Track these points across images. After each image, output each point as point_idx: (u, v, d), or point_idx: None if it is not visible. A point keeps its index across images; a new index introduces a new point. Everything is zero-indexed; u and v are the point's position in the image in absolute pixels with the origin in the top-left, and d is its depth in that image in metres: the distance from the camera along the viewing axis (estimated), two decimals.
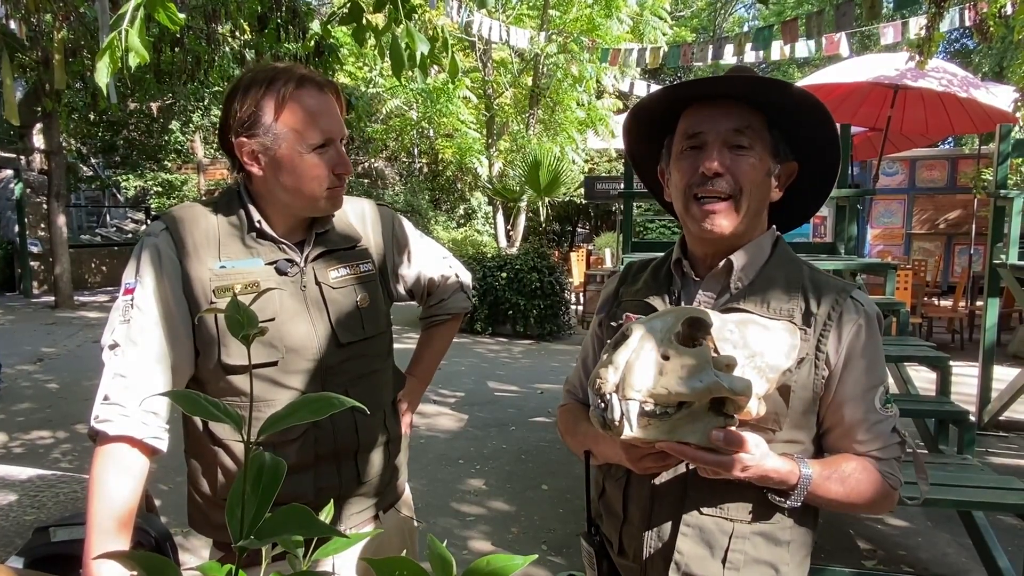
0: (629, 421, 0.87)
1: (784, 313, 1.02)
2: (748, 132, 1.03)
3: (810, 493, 0.97)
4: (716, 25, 23.03)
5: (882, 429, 1.03)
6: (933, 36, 4.99)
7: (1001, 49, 13.89)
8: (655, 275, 1.17)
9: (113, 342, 1.14)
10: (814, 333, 1.01)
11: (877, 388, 1.03)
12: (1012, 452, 4.43)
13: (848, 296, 1.04)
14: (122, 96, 10.63)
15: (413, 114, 12.17)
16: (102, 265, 13.70)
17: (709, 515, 1.03)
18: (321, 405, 0.49)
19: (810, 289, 1.04)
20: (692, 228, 1.07)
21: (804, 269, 1.09)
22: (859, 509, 1.03)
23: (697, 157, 1.04)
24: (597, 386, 0.89)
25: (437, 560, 0.47)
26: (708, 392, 0.86)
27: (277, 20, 4.78)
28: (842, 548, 3.16)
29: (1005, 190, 4.58)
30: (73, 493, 1.65)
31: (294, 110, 1.17)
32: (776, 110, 1.05)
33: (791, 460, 0.97)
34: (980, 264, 8.70)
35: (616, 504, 1.12)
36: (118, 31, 1.37)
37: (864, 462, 1.03)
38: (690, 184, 1.04)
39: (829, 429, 1.06)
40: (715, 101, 1.05)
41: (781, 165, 1.08)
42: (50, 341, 7.94)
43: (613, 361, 0.89)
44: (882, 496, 1.03)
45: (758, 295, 1.04)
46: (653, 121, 1.14)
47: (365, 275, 1.32)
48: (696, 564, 1.04)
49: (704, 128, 1.04)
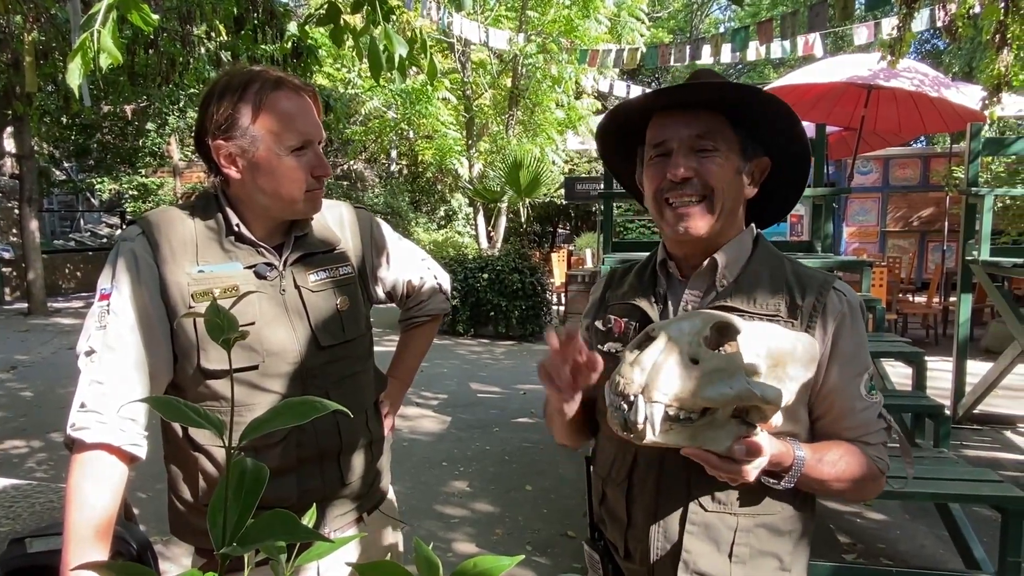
0: (652, 425, 0.84)
1: (771, 308, 1.04)
2: (711, 135, 1.05)
3: (803, 475, 0.98)
4: (692, 26, 23.23)
5: (869, 415, 1.06)
6: (904, 36, 5.07)
7: (970, 49, 14.17)
8: (639, 277, 1.18)
9: (89, 348, 1.12)
10: (801, 325, 1.03)
11: (863, 375, 1.06)
12: (986, 445, 4.52)
13: (831, 288, 1.06)
14: (95, 99, 10.45)
15: (392, 115, 12.11)
16: (76, 271, 13.46)
17: (713, 511, 1.04)
18: (305, 409, 0.49)
19: (794, 283, 1.07)
20: (668, 232, 1.09)
21: (786, 263, 1.11)
22: (848, 493, 1.05)
23: (664, 164, 1.06)
24: (621, 387, 0.87)
25: (423, 563, 0.46)
26: (737, 399, 0.84)
27: (254, 21, 4.73)
28: (822, 542, 3.19)
29: (976, 187, 4.67)
30: (49, 503, 1.62)
31: (271, 112, 1.16)
32: (738, 110, 1.07)
33: (786, 443, 0.98)
34: (953, 260, 8.87)
35: (619, 509, 1.12)
36: (90, 32, 1.35)
37: (853, 447, 1.05)
38: (660, 190, 1.07)
39: (819, 417, 1.08)
40: (676, 109, 1.08)
41: (751, 162, 1.09)
42: (23, 349, 7.79)
43: (640, 362, 0.86)
44: (871, 480, 1.05)
45: (744, 292, 1.06)
46: (625, 132, 1.17)
47: (344, 278, 1.31)
48: (704, 561, 1.04)
49: (668, 136, 1.06)
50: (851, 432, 1.06)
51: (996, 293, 4.72)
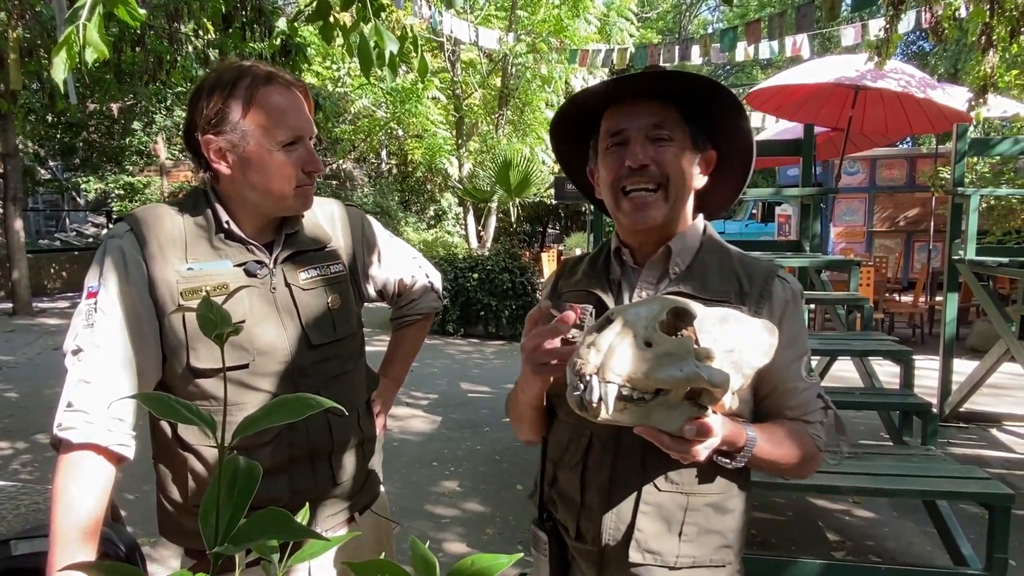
0: (607, 403, 0.88)
1: (721, 294, 1.09)
2: (667, 125, 1.09)
3: (754, 455, 1.02)
4: (681, 27, 23.32)
5: (808, 396, 1.12)
6: (891, 37, 5.11)
7: (956, 51, 14.32)
8: (592, 265, 1.21)
9: (76, 347, 1.10)
10: (749, 311, 1.07)
11: (802, 358, 1.11)
12: (972, 442, 4.56)
13: (776, 276, 1.12)
14: (81, 97, 10.35)
15: (381, 114, 12.07)
16: (62, 271, 13.31)
17: (667, 491, 1.08)
18: (299, 406, 0.48)
19: (741, 271, 1.12)
20: (624, 221, 1.12)
21: (733, 253, 1.16)
22: (790, 470, 1.10)
23: (622, 153, 1.09)
24: (578, 367, 0.90)
25: (420, 562, 0.46)
26: (687, 382, 0.87)
27: (242, 19, 4.70)
28: (811, 540, 3.21)
29: (962, 188, 4.71)
30: (35, 504, 1.60)
31: (262, 107, 1.15)
32: (690, 102, 1.11)
33: (738, 424, 1.02)
34: (939, 260, 8.95)
35: (572, 491, 1.14)
36: (75, 25, 1.33)
37: (795, 426, 1.11)
38: (618, 178, 1.09)
39: (764, 397, 1.12)
40: (633, 100, 1.11)
41: (701, 154, 1.14)
42: (8, 349, 7.69)
43: (596, 343, 0.89)
44: (810, 457, 1.10)
45: (696, 279, 1.11)
46: (579, 125, 1.19)
47: (335, 276, 1.30)
48: (654, 540, 1.08)
49: (626, 125, 1.09)
50: (793, 411, 1.11)
51: (982, 292, 4.76)
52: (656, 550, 1.08)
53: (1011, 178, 8.12)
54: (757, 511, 3.48)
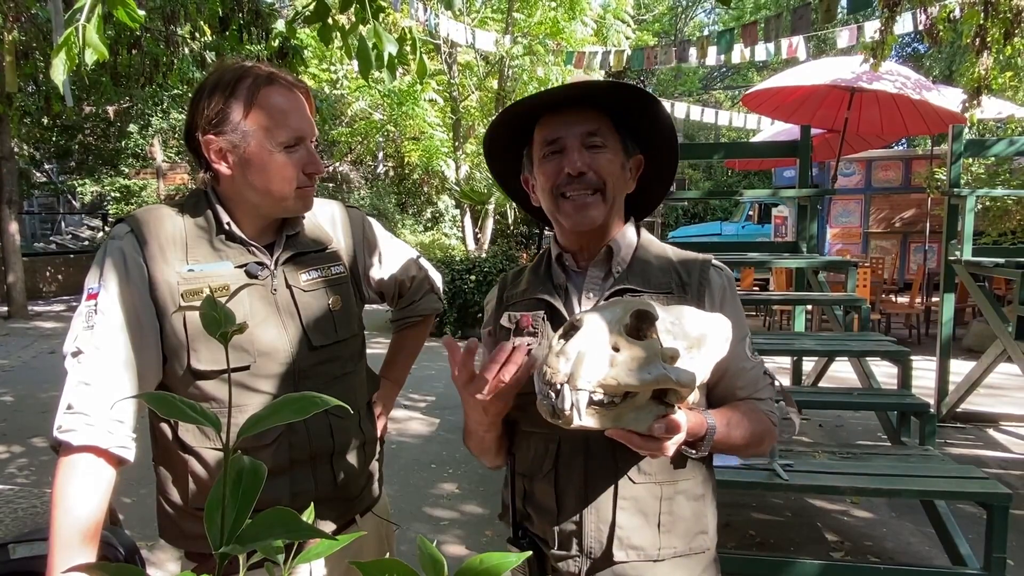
0: (579, 410, 0.90)
1: (663, 286, 1.13)
2: (600, 132, 1.13)
3: (715, 441, 1.05)
4: (677, 30, 23.37)
5: (756, 374, 1.17)
6: (886, 39, 5.13)
7: (951, 53, 14.37)
8: (535, 273, 1.24)
9: (76, 349, 1.10)
10: (692, 299, 1.12)
11: (745, 339, 1.16)
12: (970, 442, 4.57)
13: (711, 265, 1.18)
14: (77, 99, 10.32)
15: (378, 116, 12.06)
16: (57, 274, 13.28)
17: (641, 483, 1.10)
18: (303, 404, 0.48)
19: (678, 264, 1.17)
20: (565, 223, 1.15)
21: (667, 248, 1.22)
22: (750, 449, 1.13)
23: (559, 160, 1.13)
24: (548, 376, 0.91)
25: (428, 560, 0.46)
26: (655, 383, 0.89)
27: (239, 21, 4.69)
28: (810, 540, 3.21)
29: (958, 189, 4.73)
30: (32, 508, 1.59)
31: (263, 108, 1.15)
32: (619, 110, 1.16)
33: (698, 414, 1.04)
34: (935, 261, 8.98)
35: (548, 500, 1.14)
36: (75, 26, 1.33)
37: (748, 405, 1.14)
38: (557, 185, 1.13)
39: (715, 384, 1.16)
40: (566, 109, 1.15)
41: (631, 159, 1.19)
42: (3, 353, 7.67)
43: (564, 352, 0.91)
44: (766, 432, 1.14)
45: (638, 274, 1.15)
46: (514, 136, 1.23)
47: (336, 278, 1.30)
48: (636, 535, 1.09)
49: (561, 133, 1.13)
50: (744, 391, 1.16)
51: (978, 292, 4.77)
52: (639, 545, 1.09)
53: (1007, 179, 8.16)
54: (756, 512, 3.48)
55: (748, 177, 18.14)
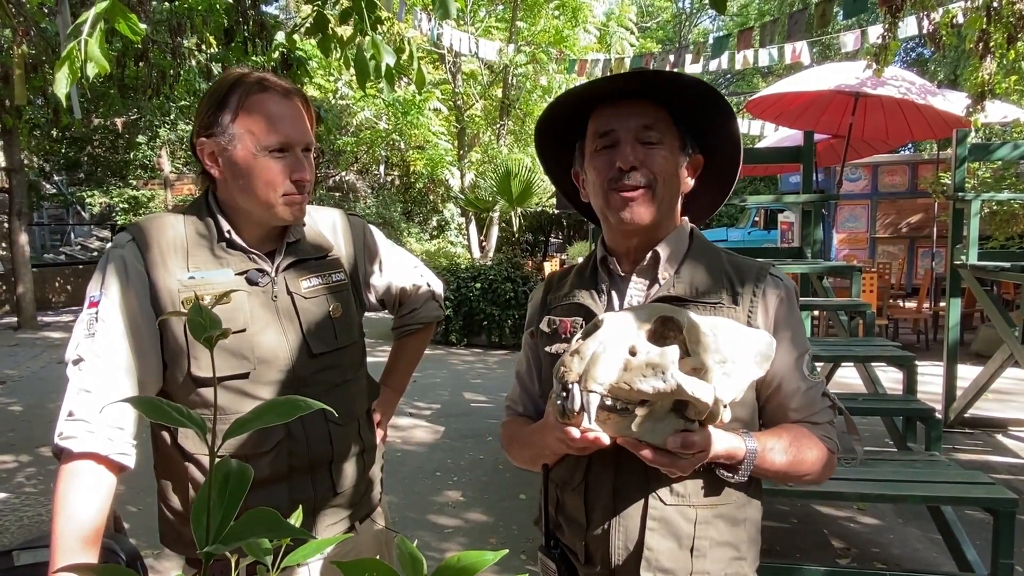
0: (588, 413, 0.86)
1: (713, 296, 1.07)
2: (656, 127, 1.07)
3: (756, 466, 1.00)
4: (681, 37, 23.41)
5: (814, 395, 1.08)
6: (889, 45, 5.13)
7: (955, 57, 14.34)
8: (580, 276, 1.19)
9: (77, 356, 1.11)
10: (743, 311, 1.05)
11: (804, 356, 1.08)
12: (977, 448, 4.54)
13: (768, 273, 1.10)
14: (85, 112, 10.43)
15: (383, 126, 12.12)
16: (66, 285, 13.38)
17: (672, 504, 1.04)
18: (287, 408, 0.49)
19: (732, 271, 1.10)
20: (613, 220, 1.09)
21: (722, 254, 1.14)
22: (802, 477, 1.06)
23: (611, 154, 1.07)
24: (561, 374, 0.88)
25: (407, 559, 0.46)
26: (670, 393, 0.84)
27: (244, 33, 4.74)
28: (816, 547, 3.20)
29: (963, 193, 4.71)
30: (38, 516, 1.60)
31: (252, 111, 1.15)
32: (680, 106, 1.09)
33: (737, 436, 0.99)
34: (942, 266, 8.92)
35: (578, 513, 1.11)
36: (77, 41, 1.35)
37: (802, 429, 1.07)
38: (608, 179, 1.07)
39: (766, 402, 1.10)
40: (621, 101, 1.09)
41: (689, 158, 1.12)
42: (12, 363, 7.72)
43: (580, 351, 0.88)
44: (822, 460, 1.06)
45: (686, 282, 1.08)
46: (566, 127, 1.17)
47: (337, 285, 1.31)
48: (666, 558, 1.04)
49: (615, 126, 1.07)
50: (797, 413, 1.08)
51: (985, 297, 4.75)
52: (669, 568, 1.04)
53: (1012, 183, 8.11)
54: (762, 518, 3.46)
55: (753, 183, 18.11)
